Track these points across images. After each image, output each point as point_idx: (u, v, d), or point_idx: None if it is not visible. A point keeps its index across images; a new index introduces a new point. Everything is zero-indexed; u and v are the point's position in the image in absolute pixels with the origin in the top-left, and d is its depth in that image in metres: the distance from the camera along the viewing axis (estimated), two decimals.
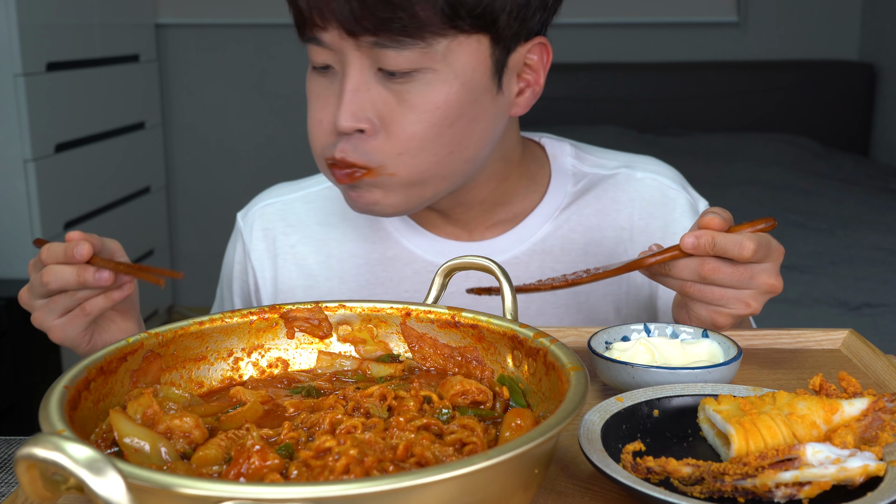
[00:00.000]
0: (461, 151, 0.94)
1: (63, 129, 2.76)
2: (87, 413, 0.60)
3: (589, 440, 0.61)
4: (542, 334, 0.67)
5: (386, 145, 0.92)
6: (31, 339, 2.52)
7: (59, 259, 0.83)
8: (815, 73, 3.63)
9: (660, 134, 3.49)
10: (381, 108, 0.91)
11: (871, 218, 2.79)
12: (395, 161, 0.92)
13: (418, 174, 0.93)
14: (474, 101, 0.92)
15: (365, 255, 1.09)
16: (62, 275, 0.83)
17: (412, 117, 0.91)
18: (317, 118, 0.95)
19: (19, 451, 0.42)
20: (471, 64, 0.91)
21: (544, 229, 1.07)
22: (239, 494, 0.43)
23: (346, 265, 1.09)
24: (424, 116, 0.91)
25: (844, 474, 0.56)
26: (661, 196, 1.09)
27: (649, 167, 1.11)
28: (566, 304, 1.07)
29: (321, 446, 0.54)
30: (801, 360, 0.88)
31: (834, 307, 2.20)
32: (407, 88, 0.90)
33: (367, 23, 0.86)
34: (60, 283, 0.83)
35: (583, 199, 1.08)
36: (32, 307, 0.88)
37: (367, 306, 0.75)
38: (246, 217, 1.15)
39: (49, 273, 0.83)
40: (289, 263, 1.11)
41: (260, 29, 3.65)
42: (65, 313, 0.86)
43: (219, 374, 0.72)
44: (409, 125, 0.91)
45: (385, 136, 0.91)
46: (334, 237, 1.11)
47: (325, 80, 0.93)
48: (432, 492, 0.46)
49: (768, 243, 0.82)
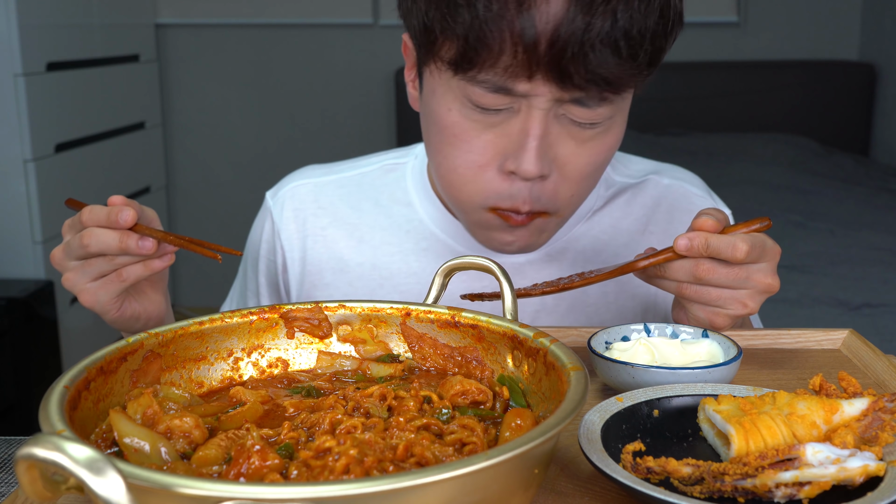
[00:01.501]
0: (601, 176, 0.97)
1: (63, 129, 2.76)
2: (87, 413, 0.60)
3: (589, 440, 0.61)
4: (542, 334, 0.67)
5: (561, 189, 0.91)
6: (31, 339, 2.52)
7: (101, 223, 0.81)
8: (815, 73, 3.63)
9: (660, 134, 3.49)
10: (561, 153, 0.89)
11: (871, 218, 2.79)
12: (567, 203, 0.93)
13: (574, 208, 0.96)
14: (624, 132, 0.94)
15: (398, 243, 1.09)
16: (104, 239, 0.80)
17: (588, 160, 0.90)
18: (476, 159, 0.90)
19: (19, 451, 0.42)
20: (629, 102, 0.92)
21: (577, 229, 1.08)
22: (239, 494, 0.43)
23: (379, 252, 1.09)
24: (598, 158, 0.91)
25: (844, 474, 0.55)
26: (687, 203, 1.11)
27: (676, 175, 1.14)
28: (595, 303, 1.08)
29: (321, 446, 0.54)
30: (801, 360, 0.88)
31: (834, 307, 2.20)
32: (589, 133, 0.89)
33: (592, 82, 0.83)
34: (101, 246, 0.81)
35: (613, 203, 1.10)
36: (65, 268, 0.85)
37: (366, 306, 0.75)
38: (276, 196, 1.14)
39: (90, 236, 0.81)
40: (318, 245, 1.11)
41: (260, 29, 3.65)
42: (99, 277, 0.84)
43: (219, 374, 0.72)
44: (584, 168, 0.91)
45: (560, 179, 0.91)
46: (367, 223, 1.10)
47: (493, 119, 0.88)
48: (432, 492, 0.46)
49: (763, 243, 0.82)
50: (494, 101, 0.86)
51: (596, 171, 0.93)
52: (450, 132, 0.91)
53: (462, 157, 0.91)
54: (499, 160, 0.90)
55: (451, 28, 0.83)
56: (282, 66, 3.65)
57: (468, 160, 0.91)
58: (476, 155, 0.90)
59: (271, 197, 1.15)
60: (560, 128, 0.88)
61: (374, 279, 1.08)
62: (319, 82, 3.66)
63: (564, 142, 0.89)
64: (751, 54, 3.74)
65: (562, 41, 0.80)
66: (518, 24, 0.80)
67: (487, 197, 0.92)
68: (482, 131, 0.89)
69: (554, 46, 0.81)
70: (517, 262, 1.05)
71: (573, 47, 0.80)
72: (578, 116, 0.87)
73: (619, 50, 0.82)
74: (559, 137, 0.89)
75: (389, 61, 3.64)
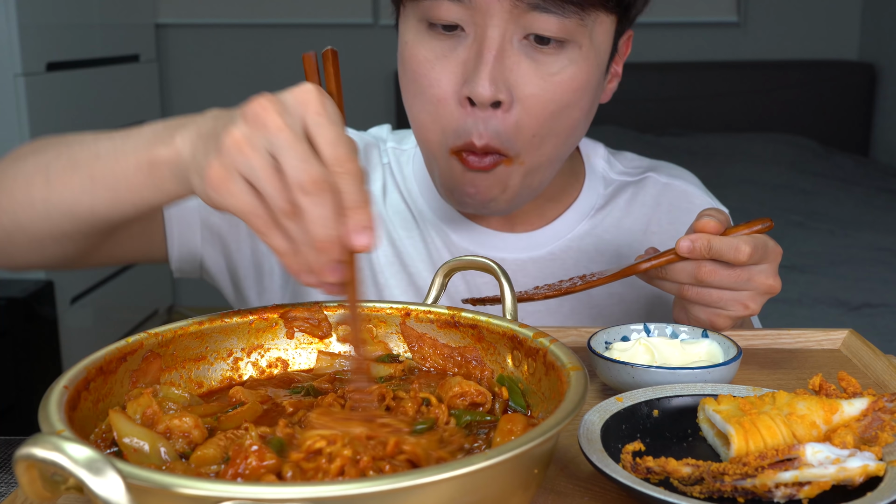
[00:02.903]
0: (574, 137, 0.91)
1: (63, 128, 2.74)
2: (87, 413, 0.60)
3: (589, 440, 0.61)
4: (541, 334, 0.67)
5: (522, 124, 0.85)
6: (31, 339, 2.52)
7: (350, 192, 0.57)
8: (815, 73, 3.63)
9: (660, 134, 3.49)
10: (520, 80, 0.84)
11: (871, 218, 2.79)
12: (529, 145, 0.87)
13: (537, 160, 0.89)
14: (597, 83, 0.89)
15: (404, 239, 1.07)
16: (325, 213, 0.56)
17: (552, 95, 0.85)
18: (436, 91, 0.85)
19: (19, 451, 0.42)
20: (604, 44, 0.88)
21: (581, 227, 1.07)
22: (238, 494, 0.43)
23: (384, 246, 1.06)
24: (564, 97, 0.86)
25: (844, 474, 0.55)
26: (686, 202, 1.10)
27: (674, 173, 1.13)
28: (600, 304, 1.07)
29: (312, 447, 0.54)
30: (801, 360, 0.88)
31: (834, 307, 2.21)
32: (552, 61, 0.84)
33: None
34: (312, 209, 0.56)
35: (614, 202, 1.09)
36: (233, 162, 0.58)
37: (366, 306, 0.75)
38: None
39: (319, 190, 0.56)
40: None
41: (260, 29, 3.65)
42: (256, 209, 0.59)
43: (218, 374, 0.72)
44: (547, 103, 0.85)
45: (520, 112, 0.85)
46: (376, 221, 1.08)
47: (447, 44, 0.84)
48: (432, 492, 0.46)
49: (765, 244, 0.82)
50: (449, 14, 0.82)
51: (562, 113, 0.87)
52: (410, 68, 0.88)
53: (424, 91, 0.87)
54: (455, 89, 0.86)
55: None
56: (282, 66, 3.65)
57: (430, 94, 0.87)
58: (435, 88, 0.86)
59: None
60: (519, 51, 0.84)
61: (376, 275, 1.06)
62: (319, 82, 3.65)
63: (524, 68, 0.84)
64: (751, 54, 3.74)
65: None
66: None
67: (447, 135, 0.88)
68: (438, 61, 0.86)
69: None
70: (520, 258, 1.04)
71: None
72: (544, 30, 0.82)
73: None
74: (518, 61, 0.84)
75: (389, 61, 3.64)
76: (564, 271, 1.05)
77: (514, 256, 1.03)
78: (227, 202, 0.58)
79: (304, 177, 0.55)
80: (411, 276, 1.05)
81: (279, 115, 0.57)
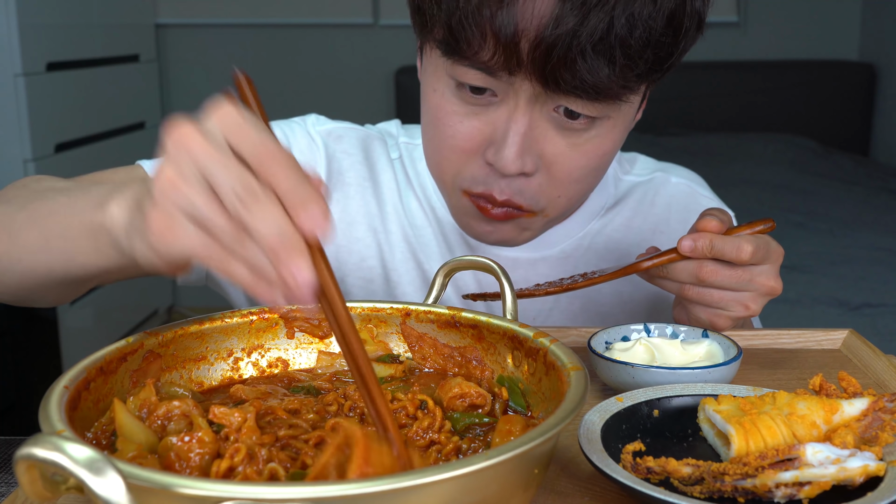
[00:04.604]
0: (597, 183, 0.94)
1: (63, 129, 2.76)
2: (87, 413, 0.60)
3: (589, 440, 0.61)
4: (541, 334, 0.67)
5: (547, 188, 0.87)
6: (31, 339, 2.52)
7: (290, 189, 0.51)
8: (815, 73, 3.63)
9: (660, 134, 3.49)
10: (548, 151, 0.84)
11: (871, 218, 2.79)
12: (553, 203, 0.89)
13: (562, 211, 0.92)
14: (622, 141, 0.90)
15: (419, 237, 1.07)
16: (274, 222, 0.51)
17: (579, 163, 0.86)
18: (458, 143, 0.85)
19: (19, 451, 0.42)
20: (635, 106, 0.89)
21: (591, 226, 1.07)
22: (238, 494, 0.43)
23: (398, 243, 1.05)
24: (591, 162, 0.87)
25: (844, 474, 0.55)
26: (694, 203, 1.10)
27: (681, 173, 1.14)
28: (609, 302, 1.08)
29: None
30: (801, 360, 0.88)
31: (834, 307, 2.21)
32: (582, 133, 0.84)
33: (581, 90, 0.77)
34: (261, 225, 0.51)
35: (624, 202, 1.09)
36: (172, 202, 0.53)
37: (367, 306, 0.75)
38: (317, 127, 1.06)
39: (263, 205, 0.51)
40: (357, 197, 1.03)
41: (260, 29, 3.65)
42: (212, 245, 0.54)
43: (219, 374, 0.72)
44: (574, 170, 0.86)
45: (546, 179, 0.86)
46: (391, 218, 1.05)
47: (475, 106, 0.84)
48: (432, 492, 0.46)
49: (767, 245, 0.82)
50: (477, 79, 0.81)
51: (589, 176, 0.89)
52: (435, 116, 0.87)
53: (445, 140, 0.87)
54: (482, 148, 0.86)
55: (438, 13, 0.80)
56: (282, 66, 3.65)
57: (451, 144, 0.87)
58: (459, 140, 0.86)
59: (313, 125, 1.06)
60: (549, 123, 0.83)
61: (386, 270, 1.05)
62: (319, 82, 3.65)
63: (553, 139, 0.84)
64: (751, 54, 3.74)
65: (546, 44, 0.75)
66: (498, 20, 0.76)
67: (463, 179, 0.88)
68: (466, 117, 0.85)
69: (537, 49, 0.76)
70: (532, 257, 1.04)
71: (559, 51, 0.75)
72: (571, 105, 0.82)
73: (614, 58, 0.76)
74: (546, 133, 0.84)
75: (389, 61, 3.64)
76: (575, 270, 1.05)
77: (527, 255, 1.03)
78: (176, 247, 0.53)
79: (241, 191, 0.50)
80: (426, 274, 1.04)
81: (200, 137, 0.53)
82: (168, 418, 0.60)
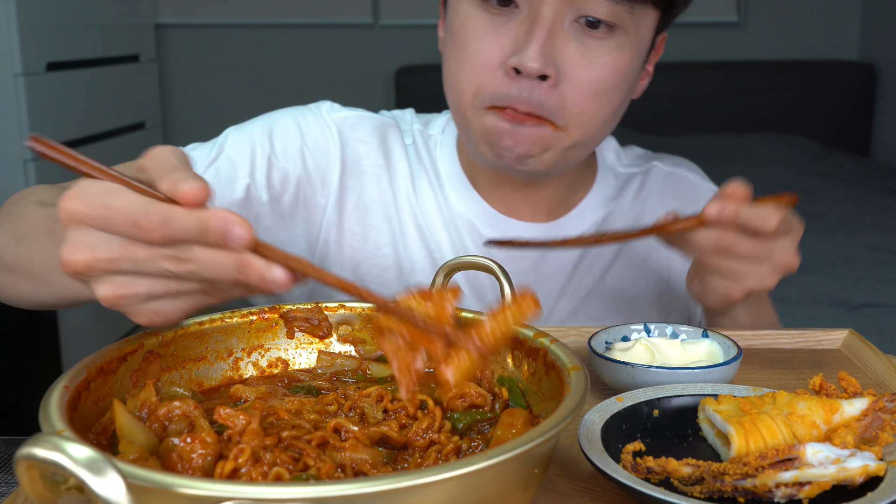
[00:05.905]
0: (613, 121, 0.95)
1: (63, 129, 2.76)
2: (87, 413, 0.60)
3: (589, 440, 0.61)
4: (542, 334, 0.67)
5: (568, 99, 0.89)
6: (31, 339, 2.52)
7: (194, 237, 0.53)
8: (815, 73, 3.63)
9: (660, 134, 3.49)
10: (569, 59, 0.88)
11: (871, 218, 2.79)
12: (574, 121, 0.90)
13: (582, 136, 0.92)
14: (636, 73, 0.94)
15: (432, 227, 1.07)
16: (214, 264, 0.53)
17: (597, 75, 0.89)
18: (481, 58, 0.89)
19: (19, 451, 0.42)
20: (646, 37, 0.92)
21: (598, 215, 1.08)
22: (238, 494, 0.43)
23: (411, 234, 1.06)
24: (608, 77, 0.89)
25: (844, 474, 0.56)
26: (692, 192, 1.12)
27: (677, 162, 1.16)
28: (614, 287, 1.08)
29: None
30: (801, 360, 0.88)
31: (834, 307, 2.21)
32: (600, 44, 0.88)
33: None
34: (212, 273, 0.54)
35: (624, 193, 1.11)
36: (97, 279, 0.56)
37: (367, 306, 0.75)
38: (332, 114, 1.09)
39: (194, 260, 0.53)
40: (373, 185, 1.05)
41: (260, 29, 3.65)
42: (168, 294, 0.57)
43: (219, 374, 0.72)
44: (593, 82, 0.89)
45: (566, 88, 0.88)
46: (404, 207, 1.06)
47: (499, 18, 0.88)
48: (432, 492, 0.46)
49: (791, 217, 0.81)
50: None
51: (605, 93, 0.90)
52: (459, 37, 0.91)
53: (468, 57, 0.90)
54: (502, 59, 0.88)
55: None
56: (282, 66, 3.65)
57: (474, 60, 0.90)
58: (483, 54, 0.89)
59: (328, 111, 1.09)
60: (569, 32, 0.88)
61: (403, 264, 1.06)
62: (319, 82, 3.65)
63: (572, 49, 0.88)
64: (751, 54, 3.74)
65: None
66: None
67: (484, 97, 0.90)
68: (488, 31, 0.89)
69: None
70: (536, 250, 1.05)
71: None
72: (596, 12, 0.86)
73: None
74: (566, 42, 0.88)
75: (389, 61, 3.64)
76: (583, 259, 1.07)
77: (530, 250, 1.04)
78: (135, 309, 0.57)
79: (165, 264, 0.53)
80: (436, 263, 1.05)
81: (78, 201, 0.53)
82: (169, 419, 0.60)
